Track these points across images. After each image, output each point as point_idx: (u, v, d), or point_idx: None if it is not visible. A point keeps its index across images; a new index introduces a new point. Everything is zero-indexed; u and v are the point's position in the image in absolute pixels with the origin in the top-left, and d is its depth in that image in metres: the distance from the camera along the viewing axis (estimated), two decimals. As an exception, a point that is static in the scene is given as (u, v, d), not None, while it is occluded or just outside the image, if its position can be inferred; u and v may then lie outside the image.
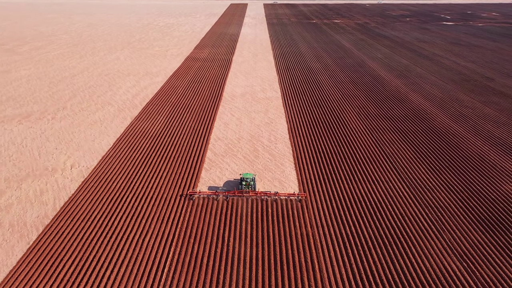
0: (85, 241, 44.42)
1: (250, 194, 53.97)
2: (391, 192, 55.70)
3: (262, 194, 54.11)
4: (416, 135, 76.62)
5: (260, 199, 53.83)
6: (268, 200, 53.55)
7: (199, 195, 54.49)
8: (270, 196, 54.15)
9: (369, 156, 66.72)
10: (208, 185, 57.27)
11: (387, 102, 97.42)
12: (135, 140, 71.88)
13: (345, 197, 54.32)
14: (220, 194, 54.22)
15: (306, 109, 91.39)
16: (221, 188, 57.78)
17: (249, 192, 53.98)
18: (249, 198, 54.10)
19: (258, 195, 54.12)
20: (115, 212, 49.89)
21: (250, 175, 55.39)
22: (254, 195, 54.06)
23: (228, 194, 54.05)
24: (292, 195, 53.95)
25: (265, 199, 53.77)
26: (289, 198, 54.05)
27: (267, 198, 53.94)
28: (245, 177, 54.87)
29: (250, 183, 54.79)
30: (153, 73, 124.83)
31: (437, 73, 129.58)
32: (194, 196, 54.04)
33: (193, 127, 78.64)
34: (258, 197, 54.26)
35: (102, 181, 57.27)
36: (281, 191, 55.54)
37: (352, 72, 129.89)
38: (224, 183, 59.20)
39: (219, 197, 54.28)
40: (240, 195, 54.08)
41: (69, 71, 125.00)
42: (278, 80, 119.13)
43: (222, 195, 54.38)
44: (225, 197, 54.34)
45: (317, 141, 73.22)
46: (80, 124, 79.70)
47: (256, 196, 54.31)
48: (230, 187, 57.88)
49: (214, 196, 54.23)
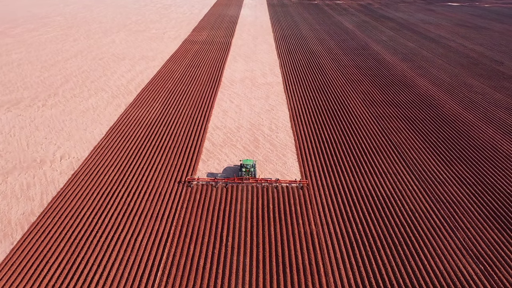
0: (73, 241, 41.35)
1: (250, 181, 51.81)
2: (400, 185, 52.44)
3: (263, 181, 51.93)
4: (425, 123, 72.91)
5: (260, 187, 51.57)
6: (269, 188, 51.27)
7: (197, 182, 52.27)
8: (271, 183, 51.90)
9: (375, 146, 63.22)
10: (202, 188, 53.92)
11: (393, 87, 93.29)
12: (129, 129, 68.25)
13: (351, 191, 51.09)
14: (219, 181, 52.09)
15: (309, 95, 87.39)
16: (220, 175, 55.41)
17: (249, 179, 51.82)
18: (249, 185, 51.75)
19: (258, 182, 51.96)
20: (106, 208, 46.71)
21: (250, 161, 53.52)
22: (254, 182, 51.95)
23: (227, 181, 51.94)
24: (293, 182, 51.96)
25: (265, 186, 51.58)
26: (291, 185, 51.87)
27: (268, 185, 51.66)
28: (245, 164, 52.90)
29: (250, 170, 52.83)
30: (149, 57, 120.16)
31: (444, 57, 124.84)
32: (192, 183, 51.79)
33: (190, 115, 74.89)
34: (259, 184, 52.00)
35: (93, 174, 53.94)
36: (282, 179, 52.28)
37: (355, 55, 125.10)
38: (224, 169, 56.80)
39: (218, 184, 52.02)
40: (239, 182, 51.90)
41: (62, 55, 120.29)
42: (279, 64, 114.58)
43: (221, 182, 52.14)
44: (224, 184, 52.03)
45: (320, 129, 69.57)
46: (72, 112, 75.91)
47: (256, 183, 52.01)
48: (229, 174, 55.41)
49: (213, 183, 52.06)
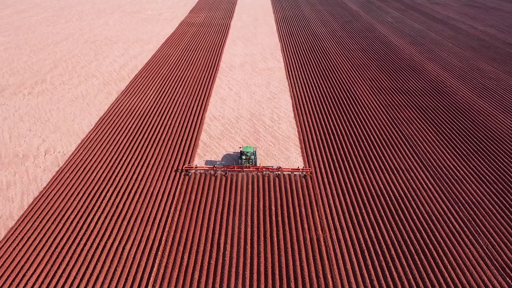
0: (54, 250, 37.21)
1: (251, 169, 48.94)
2: (414, 183, 48.07)
3: (264, 169, 49.01)
4: (437, 112, 68.07)
5: (262, 175, 48.90)
6: (270, 177, 48.60)
7: (195, 170, 49.69)
8: (272, 171, 49.03)
9: (385, 139, 58.59)
10: (200, 177, 49.48)
11: (402, 72, 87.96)
12: (120, 120, 63.46)
13: (361, 190, 46.74)
14: (218, 170, 49.32)
15: (312, 81, 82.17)
16: (219, 163, 52.15)
17: (250, 167, 48.99)
18: (249, 174, 48.88)
19: (259, 170, 49.03)
20: (92, 211, 42.45)
21: (251, 149, 50.65)
22: (255, 170, 49.03)
23: (226, 170, 49.12)
24: (296, 170, 49.14)
25: (267, 174, 48.81)
26: (293, 174, 49.12)
27: (269, 174, 48.94)
28: (245, 151, 50.04)
29: (250, 157, 50.14)
30: (144, 40, 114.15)
31: (453, 39, 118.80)
32: (190, 172, 49.29)
33: (186, 104, 69.96)
34: (260, 173, 49.05)
35: (79, 171, 49.49)
36: (287, 178, 47.90)
37: (361, 38, 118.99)
38: (223, 157, 53.76)
39: (217, 172, 49.19)
40: (239, 171, 49.13)
41: (52, 38, 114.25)
42: (281, 47, 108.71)
43: (220, 170, 49.40)
44: (223, 173, 49.19)
45: (325, 120, 64.78)
46: (60, 100, 70.96)
47: (257, 172, 49.09)
48: (229, 162, 52.59)
49: (212, 171, 49.42)
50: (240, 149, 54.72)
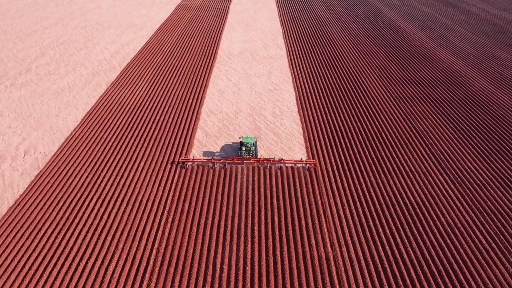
0: (25, 274, 32.63)
1: (251, 161, 46.37)
2: (433, 189, 43.21)
3: (265, 161, 46.48)
4: (453, 105, 62.75)
5: (262, 168, 46.15)
6: (272, 170, 45.90)
7: (192, 162, 46.98)
8: (274, 163, 46.44)
9: (398, 136, 53.49)
10: (192, 180, 44.58)
11: (412, 61, 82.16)
12: (108, 115, 58.26)
13: (374, 198, 41.91)
14: (216, 162, 46.61)
15: (317, 70, 76.51)
16: (218, 154, 49.13)
17: (250, 159, 46.33)
18: (250, 166, 46.43)
19: (260, 162, 46.54)
20: (73, 224, 37.73)
21: (251, 139, 48.13)
22: (256, 162, 46.54)
23: (225, 162, 46.46)
24: (299, 162, 46.49)
25: (268, 166, 46.24)
26: (296, 166, 46.64)
27: (271, 166, 46.42)
28: (245, 142, 47.61)
29: (251, 149, 47.58)
30: (137, 25, 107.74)
31: (465, 24, 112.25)
32: (187, 164, 46.53)
33: (181, 97, 64.60)
34: (261, 165, 46.49)
35: (61, 176, 44.58)
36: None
37: (367, 22, 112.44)
38: (221, 148, 50.74)
39: (215, 165, 46.57)
40: (239, 163, 46.48)
41: (40, 23, 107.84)
42: (283, 33, 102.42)
43: (219, 163, 46.69)
44: (222, 165, 46.53)
45: (332, 115, 59.54)
46: (44, 93, 65.57)
47: (258, 164, 46.56)
48: (228, 153, 49.91)
49: (210, 164, 46.76)
50: (239, 139, 51.28)
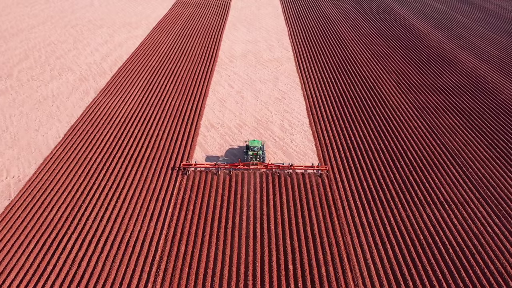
0: None
1: (259, 167, 42.87)
2: (475, 225, 36.35)
3: (274, 167, 42.79)
4: (484, 117, 55.89)
5: (271, 174, 42.69)
6: (281, 175, 42.40)
7: (195, 168, 43.41)
8: (283, 169, 42.78)
9: (426, 156, 46.61)
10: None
11: (432, 64, 75.12)
12: (95, 130, 51.38)
13: (405, 236, 35.07)
14: (220, 168, 42.96)
15: (328, 75, 69.51)
16: (222, 159, 45.92)
17: (257, 164, 42.80)
18: (257, 173, 42.82)
19: (268, 168, 42.93)
20: (48, 267, 31.00)
21: (258, 143, 44.35)
22: (263, 168, 43.09)
23: (230, 168, 42.86)
24: (310, 168, 42.83)
25: (277, 173, 42.49)
26: (307, 172, 43.06)
27: (280, 172, 42.66)
28: (251, 146, 43.76)
29: (258, 153, 43.65)
30: (132, 24, 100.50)
31: (483, 22, 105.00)
32: (188, 170, 42.94)
33: (177, 107, 57.68)
34: (269, 171, 43.03)
35: (35, 208, 37.72)
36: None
37: (378, 21, 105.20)
38: (226, 151, 46.75)
39: (219, 171, 42.89)
40: (245, 169, 42.98)
41: (28, 21, 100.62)
42: (288, 32, 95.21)
43: (223, 168, 43.12)
44: (227, 172, 42.86)
45: (349, 129, 52.66)
46: (25, 102, 58.65)
47: (266, 170, 43.06)
48: (233, 158, 46.69)
49: (214, 169, 43.17)
50: (246, 143, 47.05)
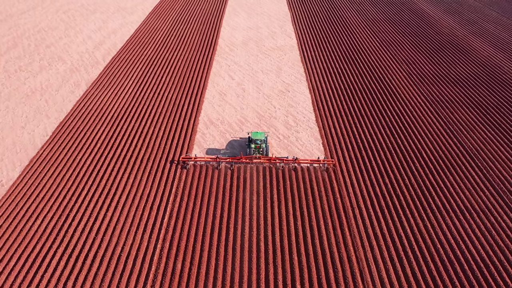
0: None
1: (262, 161, 40.87)
2: (499, 236, 33.16)
3: (278, 161, 40.98)
4: (503, 112, 52.22)
5: (275, 168, 40.82)
6: (285, 169, 40.62)
7: (194, 162, 41.39)
8: (287, 163, 40.97)
9: (443, 156, 43.04)
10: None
11: (444, 52, 70.80)
12: (85, 127, 47.72)
13: (423, 249, 31.88)
14: (221, 161, 40.93)
15: (334, 65, 65.37)
16: (223, 152, 43.72)
17: (260, 158, 40.80)
18: (260, 167, 40.85)
19: (272, 162, 41.09)
20: (33, 283, 28.03)
21: (262, 135, 42.10)
22: (267, 162, 41.11)
23: (232, 161, 40.86)
24: (315, 162, 41.05)
25: (281, 167, 40.85)
26: (312, 166, 41.26)
27: (284, 166, 41.03)
28: (254, 138, 41.55)
29: (261, 146, 41.57)
30: (127, 9, 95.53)
31: (495, 6, 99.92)
32: (188, 164, 40.89)
33: (174, 101, 53.87)
34: (272, 165, 41.17)
35: (18, 218, 34.36)
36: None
37: (385, 6, 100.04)
38: (228, 144, 44.37)
39: (220, 164, 40.96)
40: (248, 163, 41.06)
41: (17, 7, 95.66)
42: (291, 18, 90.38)
43: (224, 162, 41.19)
44: (229, 165, 41.00)
45: (358, 125, 48.96)
46: (11, 96, 54.85)
47: (269, 164, 41.25)
48: (236, 151, 44.52)
49: (215, 163, 41.15)
50: (248, 135, 44.50)
